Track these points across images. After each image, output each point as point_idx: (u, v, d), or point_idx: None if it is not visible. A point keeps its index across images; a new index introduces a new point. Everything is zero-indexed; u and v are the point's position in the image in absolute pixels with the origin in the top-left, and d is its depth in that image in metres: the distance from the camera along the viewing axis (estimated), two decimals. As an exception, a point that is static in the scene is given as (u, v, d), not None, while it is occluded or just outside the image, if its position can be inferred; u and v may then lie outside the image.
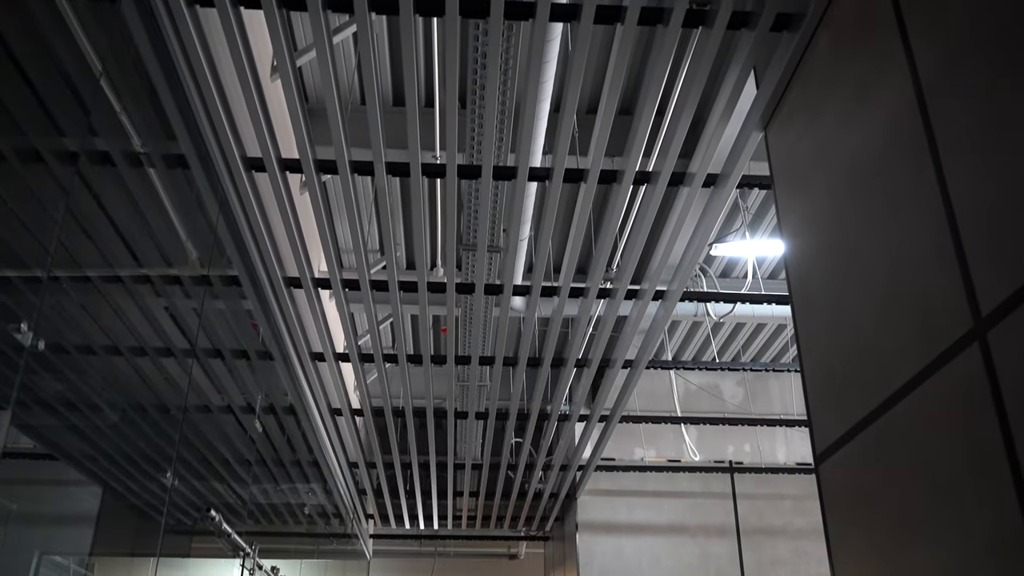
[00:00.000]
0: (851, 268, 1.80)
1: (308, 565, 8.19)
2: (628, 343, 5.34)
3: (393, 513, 9.15)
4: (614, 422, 6.52)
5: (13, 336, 2.90)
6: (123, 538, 7.04)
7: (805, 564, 7.91)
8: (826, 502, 1.90)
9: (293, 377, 5.49)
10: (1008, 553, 1.26)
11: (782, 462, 8.30)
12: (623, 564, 7.87)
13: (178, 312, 4.57)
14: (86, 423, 5.17)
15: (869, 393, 1.71)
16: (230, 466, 6.28)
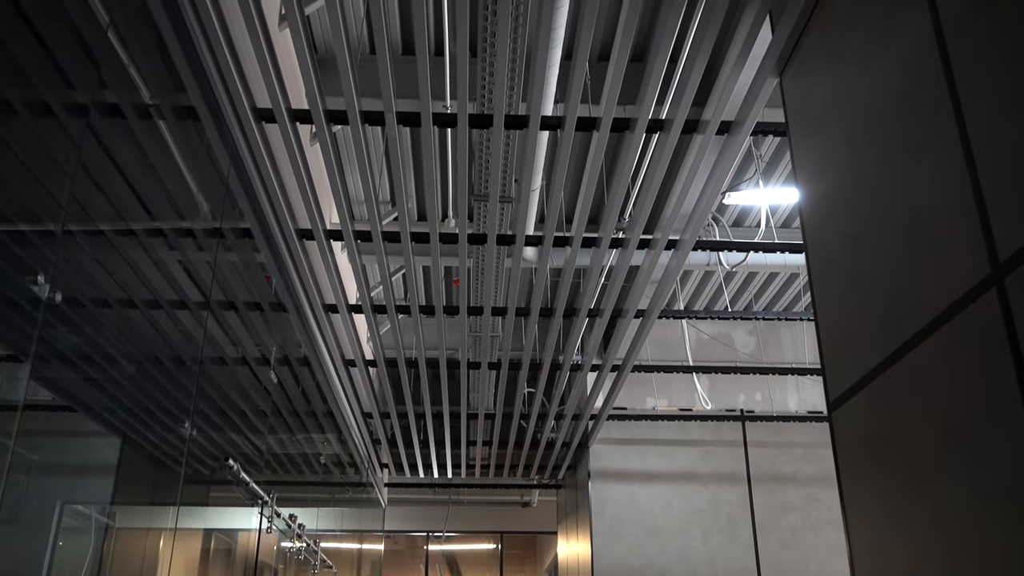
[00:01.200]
0: (867, 215, 1.79)
1: (325, 513, 8.33)
2: (640, 293, 5.34)
3: (407, 462, 9.27)
4: (626, 372, 6.55)
5: (30, 289, 2.93)
6: (143, 488, 7.17)
7: (816, 510, 7.99)
8: (839, 448, 1.91)
9: (307, 329, 5.53)
10: (1022, 497, 1.26)
11: (793, 410, 8.34)
12: (635, 511, 7.97)
13: (191, 265, 4.59)
14: (104, 375, 5.23)
15: (884, 340, 1.71)
16: (246, 417, 6.36)
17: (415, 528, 12.71)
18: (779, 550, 7.85)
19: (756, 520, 7.96)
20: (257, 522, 5.80)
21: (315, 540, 7.38)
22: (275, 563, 7.90)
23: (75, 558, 6.43)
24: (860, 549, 1.81)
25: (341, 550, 9.46)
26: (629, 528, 7.89)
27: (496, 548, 13.13)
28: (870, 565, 1.75)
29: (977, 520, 1.38)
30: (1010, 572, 1.29)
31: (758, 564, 7.80)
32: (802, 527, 7.94)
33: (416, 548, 13.24)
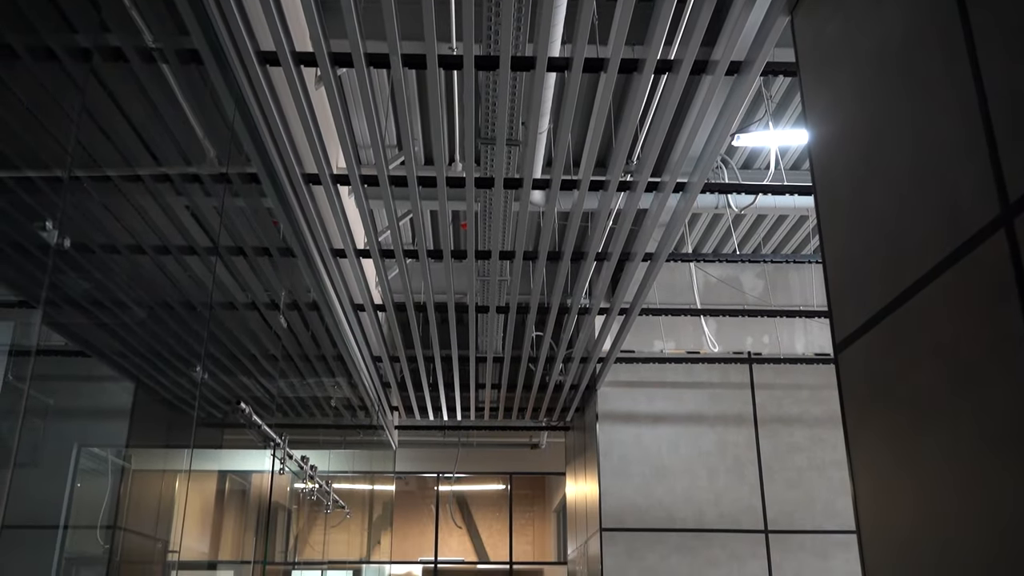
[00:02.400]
0: (877, 155, 1.77)
1: (336, 455, 8.46)
2: (648, 236, 5.33)
3: (417, 405, 9.37)
4: (634, 315, 6.56)
5: (39, 235, 2.94)
6: (157, 431, 7.28)
7: (821, 450, 8.07)
8: (845, 389, 1.93)
9: (315, 273, 5.55)
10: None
11: (800, 353, 8.37)
12: (642, 452, 8.06)
13: (199, 211, 4.59)
14: (115, 321, 5.28)
15: (891, 281, 1.71)
16: (257, 361, 6.42)
17: (426, 470, 12.90)
18: (784, 490, 7.95)
19: (762, 461, 8.05)
20: (270, 464, 5.89)
21: (327, 481, 7.52)
22: (288, 504, 8.05)
23: (93, 499, 6.57)
24: (864, 489, 1.83)
25: (353, 491, 9.63)
26: (636, 469, 8.00)
27: (505, 489, 13.33)
28: (874, 504, 1.77)
29: (981, 462, 1.39)
30: (1013, 513, 1.30)
31: (764, 504, 7.91)
32: (807, 467, 8.03)
33: (427, 489, 13.46)
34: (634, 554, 7.73)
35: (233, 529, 10.33)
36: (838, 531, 7.81)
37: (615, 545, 7.76)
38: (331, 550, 8.99)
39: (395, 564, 12.45)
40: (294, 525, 8.36)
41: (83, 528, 6.62)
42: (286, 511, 8.17)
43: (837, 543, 7.78)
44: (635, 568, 7.69)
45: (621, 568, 7.69)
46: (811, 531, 7.83)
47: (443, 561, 12.56)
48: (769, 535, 7.82)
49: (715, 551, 7.76)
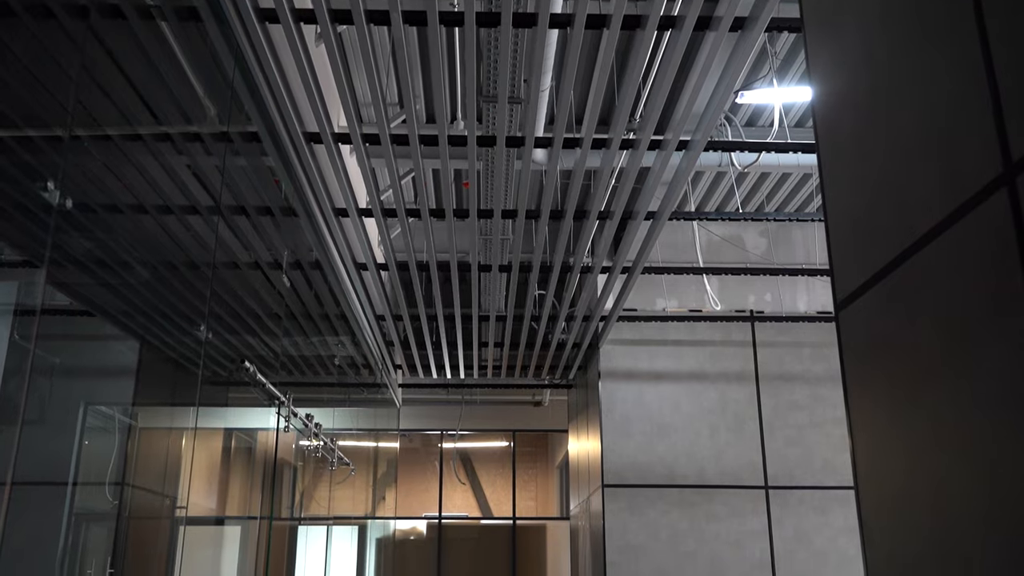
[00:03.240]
0: (880, 113, 1.76)
1: (341, 413, 8.53)
2: (651, 194, 5.31)
3: (420, 363, 9.42)
4: (636, 273, 6.57)
5: (41, 195, 2.94)
6: (163, 389, 7.33)
7: (821, 408, 8.12)
8: (845, 349, 1.94)
9: (317, 233, 5.55)
10: (1022, 403, 1.29)
11: (803, 311, 8.39)
12: (644, 410, 8.12)
13: (201, 170, 4.58)
14: (119, 280, 5.29)
15: (892, 240, 1.71)
16: (261, 320, 6.45)
17: (429, 427, 13.01)
18: (784, 447, 8.02)
19: (763, 418, 8.11)
20: (275, 422, 5.95)
21: (332, 439, 7.59)
22: (294, 461, 8.14)
23: (101, 456, 6.65)
24: (862, 446, 1.85)
25: (358, 448, 9.73)
26: (638, 426, 8.06)
27: (509, 446, 13.46)
28: (871, 461, 1.79)
29: (978, 420, 1.41)
30: (1008, 471, 1.32)
31: (764, 460, 7.98)
32: (808, 425, 8.09)
33: (431, 446, 13.59)
34: (635, 510, 7.83)
35: (239, 485, 10.46)
36: (837, 487, 7.89)
37: (617, 501, 7.85)
38: (336, 506, 9.11)
39: (400, 520, 12.62)
40: (299, 482, 8.46)
41: (92, 485, 6.71)
42: (291, 468, 8.27)
43: (836, 499, 7.86)
44: (636, 523, 7.79)
45: (623, 523, 7.79)
46: (811, 487, 7.91)
47: (447, 517, 12.72)
48: (769, 491, 7.91)
49: (716, 507, 7.85)
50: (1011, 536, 1.30)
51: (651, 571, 7.67)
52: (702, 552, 7.73)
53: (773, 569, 7.70)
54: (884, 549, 1.72)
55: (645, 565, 7.68)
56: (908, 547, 1.62)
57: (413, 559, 12.39)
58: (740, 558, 7.72)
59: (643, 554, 7.71)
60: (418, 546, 12.52)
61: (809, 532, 7.80)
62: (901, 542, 1.65)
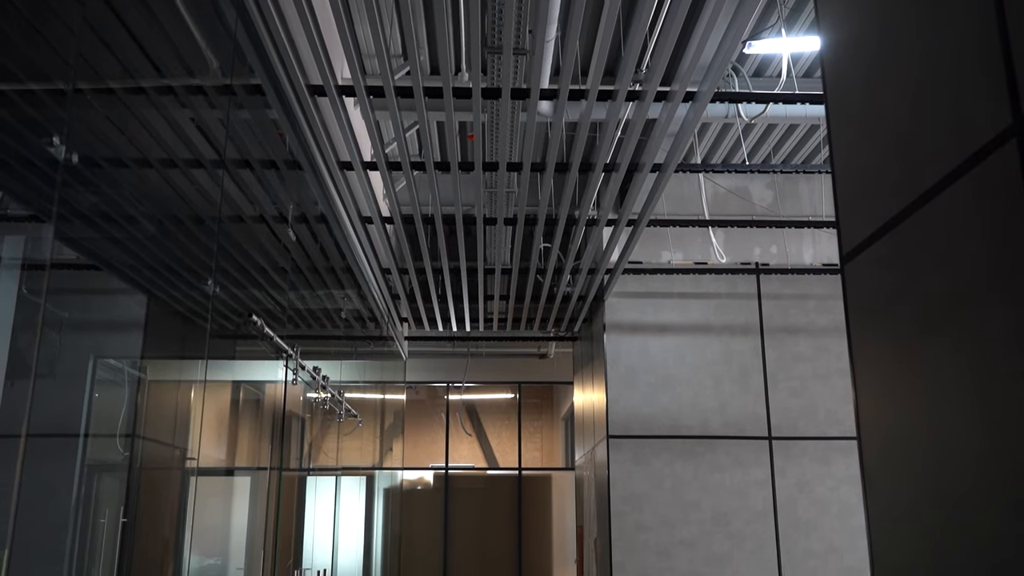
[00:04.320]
0: (889, 63, 1.75)
1: (348, 366, 8.60)
2: (657, 146, 5.28)
3: (426, 316, 9.46)
4: (642, 226, 6.56)
5: (47, 150, 2.94)
6: (171, 343, 7.40)
7: (826, 359, 8.16)
8: (850, 301, 1.94)
9: (322, 186, 5.54)
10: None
11: (808, 263, 8.38)
12: (648, 362, 8.17)
13: (204, 123, 4.56)
14: (125, 235, 5.31)
15: (899, 193, 1.71)
16: (267, 274, 6.47)
17: (436, 379, 13.11)
18: (788, 398, 8.08)
19: (767, 370, 8.16)
20: (283, 374, 6.00)
21: (339, 391, 7.66)
22: (302, 413, 8.23)
23: (111, 409, 6.72)
24: (866, 397, 1.87)
25: (365, 400, 9.83)
26: (643, 378, 8.12)
27: (514, 398, 13.57)
28: (875, 412, 1.81)
29: (980, 373, 1.42)
30: (1009, 423, 1.34)
31: (768, 411, 8.05)
32: (812, 376, 8.13)
33: (437, 399, 13.70)
34: (640, 460, 7.92)
35: (249, 437, 10.58)
36: (840, 437, 7.96)
37: (621, 452, 7.94)
38: (345, 457, 9.23)
39: (407, 470, 12.78)
40: (308, 433, 8.56)
41: (103, 436, 6.81)
42: (300, 420, 8.36)
43: (838, 449, 7.94)
44: (641, 473, 7.88)
45: (627, 473, 7.89)
46: (814, 437, 7.98)
47: (454, 467, 12.88)
48: (772, 441, 7.99)
49: (719, 457, 7.93)
50: (1007, 481, 1.33)
51: (655, 520, 7.78)
52: (705, 501, 7.84)
53: (775, 517, 7.81)
54: (885, 494, 1.75)
55: (649, 514, 7.79)
56: (907, 491, 1.64)
57: (421, 508, 12.58)
58: (743, 507, 7.82)
59: (647, 503, 7.82)
60: (425, 496, 12.70)
61: (811, 481, 7.89)
62: (901, 487, 1.67)
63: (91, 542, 6.73)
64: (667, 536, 7.75)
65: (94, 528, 6.80)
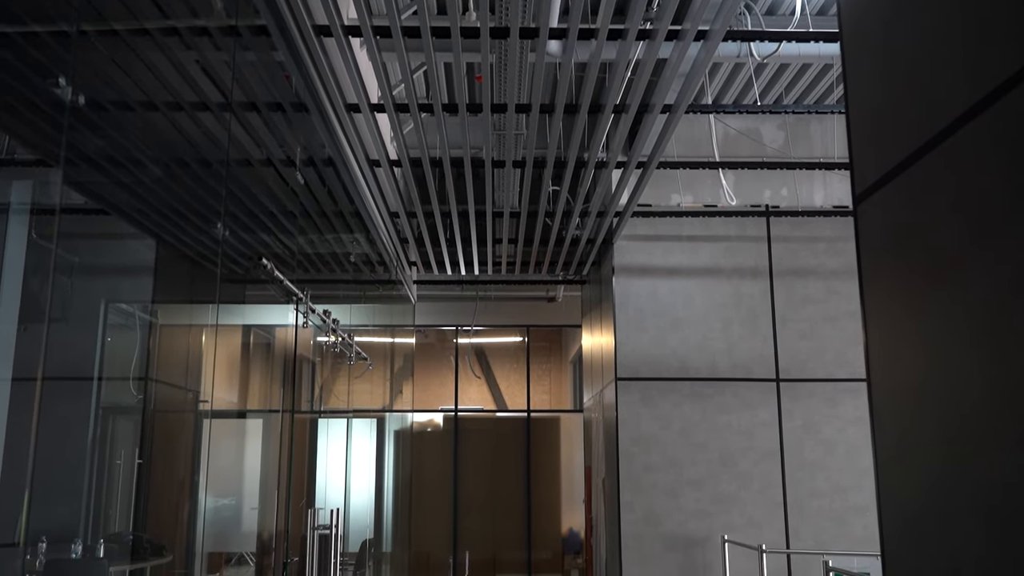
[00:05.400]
0: (906, 1, 1.71)
1: (357, 309, 8.64)
2: (667, 87, 5.22)
3: (435, 260, 9.47)
4: (651, 168, 6.51)
5: (53, 91, 2.92)
6: (181, 287, 7.43)
7: (835, 302, 8.16)
8: (862, 241, 1.94)
9: (330, 129, 5.50)
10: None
11: (819, 205, 8.33)
12: (657, 305, 8.18)
13: (210, 65, 4.51)
14: (133, 179, 5.30)
15: (915, 132, 1.68)
16: (276, 218, 6.47)
17: (445, 323, 13.18)
18: (797, 340, 8.10)
19: (776, 312, 8.16)
20: (293, 318, 6.04)
21: (349, 334, 7.71)
22: (312, 356, 8.30)
23: (123, 353, 6.79)
24: (875, 338, 1.87)
25: (374, 344, 9.89)
26: (651, 321, 8.14)
27: (523, 341, 13.64)
28: (885, 353, 1.82)
29: (992, 313, 1.42)
30: (1017, 365, 1.34)
31: (776, 354, 8.08)
32: (821, 318, 8.14)
33: (446, 342, 13.79)
34: (648, 402, 7.98)
35: (260, 380, 10.69)
36: (848, 379, 8.00)
37: (630, 394, 8.00)
38: (355, 400, 9.34)
39: (417, 412, 12.93)
40: (318, 376, 8.64)
41: (116, 380, 6.89)
42: (310, 363, 8.43)
43: (846, 390, 7.98)
44: (649, 415, 7.96)
45: (635, 415, 7.96)
46: (821, 379, 8.02)
47: (463, 409, 13.02)
48: (780, 383, 8.03)
49: (727, 399, 7.99)
50: (1016, 418, 1.33)
51: (663, 461, 7.88)
52: (713, 442, 7.92)
53: (782, 458, 7.90)
54: (893, 433, 1.76)
55: (657, 455, 7.88)
56: (915, 430, 1.66)
57: (431, 450, 12.75)
58: (750, 447, 7.90)
59: (655, 444, 7.91)
60: (435, 437, 12.86)
61: (818, 423, 7.95)
62: (910, 426, 1.68)
63: (108, 483, 6.86)
64: (675, 476, 7.85)
65: (110, 469, 6.92)
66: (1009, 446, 1.35)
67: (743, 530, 7.72)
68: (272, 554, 10.10)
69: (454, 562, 12.33)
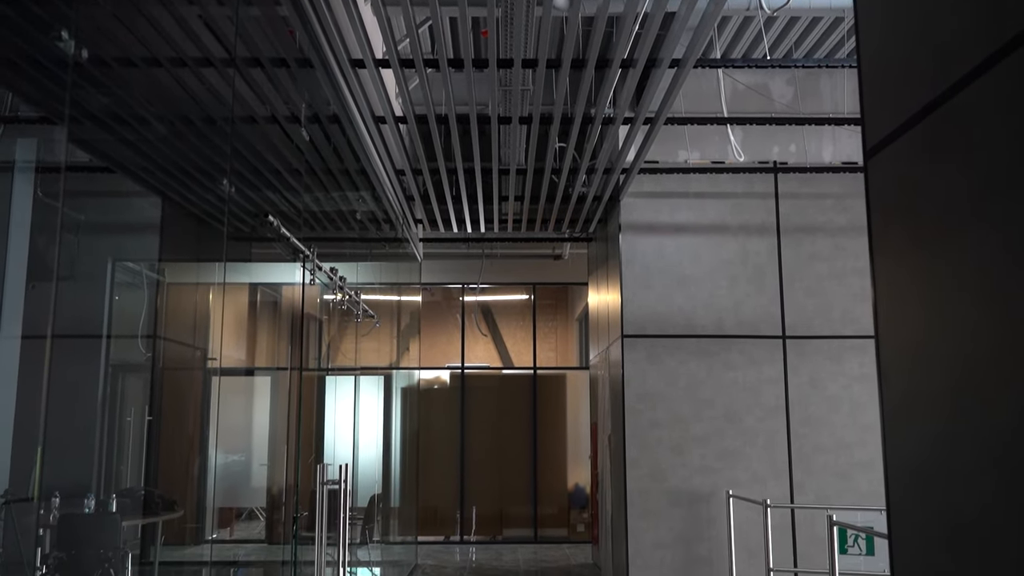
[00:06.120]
0: (923, -51, 1.68)
1: (364, 267, 8.65)
2: (675, 41, 5.15)
3: (441, 218, 9.45)
4: (659, 124, 6.46)
5: (56, 46, 2.89)
6: (188, 245, 7.44)
7: (843, 259, 8.14)
8: (872, 196, 1.92)
9: (335, 85, 5.46)
10: (1051, 239, 1.28)
11: (827, 161, 8.27)
12: (664, 262, 8.17)
13: (213, 20, 4.46)
14: (138, 136, 5.28)
15: (928, 84, 1.66)
16: (281, 176, 6.45)
17: (451, 281, 13.19)
18: (804, 297, 8.09)
19: (783, 269, 8.15)
20: (300, 276, 6.05)
21: (356, 292, 7.72)
22: (319, 314, 8.33)
23: (131, 311, 6.82)
24: (884, 294, 1.87)
25: (381, 302, 9.92)
26: (658, 278, 8.13)
27: (529, 299, 13.66)
28: (893, 309, 1.81)
29: (1004, 270, 1.41)
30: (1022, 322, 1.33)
31: (782, 311, 8.08)
32: (828, 275, 8.12)
33: (452, 300, 13.81)
34: (654, 359, 8.01)
35: (268, 338, 10.73)
36: (854, 336, 8.00)
37: (636, 351, 8.02)
38: (362, 357, 9.39)
39: (424, 370, 13.00)
40: (325, 334, 8.68)
41: (125, 338, 6.93)
42: (317, 321, 8.47)
43: (852, 347, 8.00)
44: (655, 371, 7.99)
45: (641, 372, 8.00)
46: (828, 336, 8.03)
47: (470, 367, 13.08)
48: (786, 340, 8.04)
49: (733, 355, 8.01)
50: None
51: (669, 417, 7.93)
52: (719, 399, 7.96)
53: (787, 414, 7.94)
54: (900, 387, 1.76)
55: (663, 411, 7.93)
56: (924, 386, 1.66)
57: (438, 407, 12.84)
58: (755, 404, 7.94)
59: (661, 401, 7.95)
60: (442, 395, 12.95)
61: (824, 379, 7.98)
62: (917, 380, 1.69)
63: (119, 439, 6.94)
64: (680, 433, 7.91)
65: (121, 426, 7.00)
66: (1016, 399, 1.36)
67: (748, 486, 7.79)
68: (282, 509, 10.24)
69: (461, 516, 12.48)
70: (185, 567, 8.44)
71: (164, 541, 7.46)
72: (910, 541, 1.72)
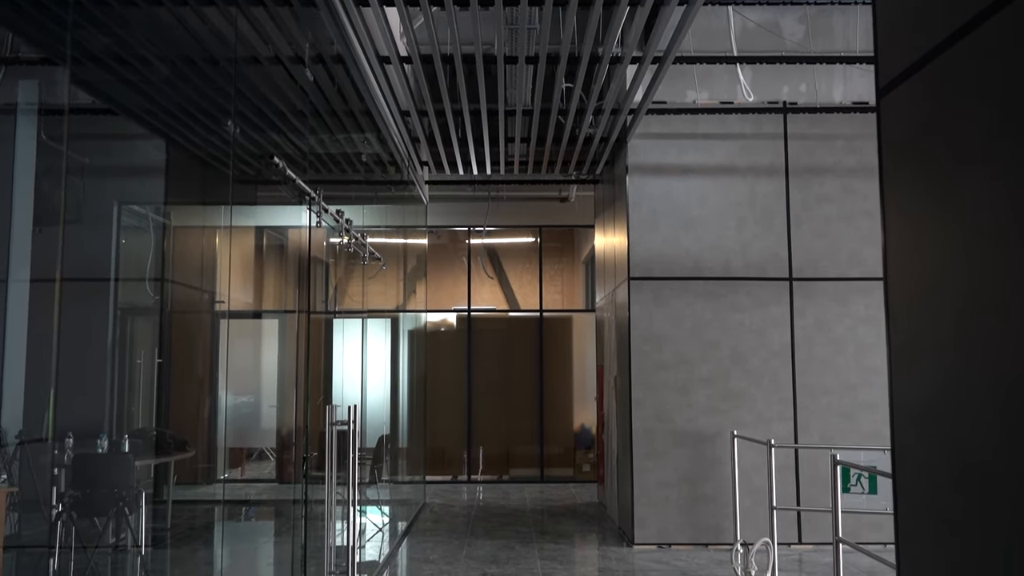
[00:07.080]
0: None
1: (370, 210, 8.62)
2: (685, -22, 5.04)
3: (447, 160, 9.39)
4: (667, 64, 6.36)
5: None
6: (193, 188, 7.42)
7: (851, 200, 8.08)
8: (884, 135, 1.90)
9: (338, 24, 5.37)
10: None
11: (838, 101, 8.16)
12: (671, 204, 8.13)
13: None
14: (140, 78, 5.22)
15: (942, 21, 1.63)
16: (286, 117, 6.39)
17: (457, 224, 13.16)
18: (811, 239, 8.06)
19: (791, 211, 8.10)
20: (306, 219, 6.04)
21: (362, 235, 7.72)
22: (326, 257, 8.33)
23: (138, 254, 6.84)
24: (894, 236, 1.85)
25: (387, 245, 9.91)
26: (665, 220, 8.10)
27: (535, 241, 13.63)
28: (903, 250, 1.80)
29: (1017, 209, 1.40)
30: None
31: (790, 252, 8.06)
32: (836, 217, 8.08)
33: (459, 243, 13.79)
34: (660, 301, 8.02)
35: (275, 281, 10.77)
36: (860, 278, 7.99)
37: (642, 293, 8.03)
38: (369, 300, 9.42)
39: (430, 312, 13.05)
40: (332, 277, 8.70)
41: (133, 280, 6.96)
42: (324, 264, 8.48)
43: (857, 289, 7.99)
44: (661, 313, 8.01)
45: (648, 314, 8.01)
46: (834, 278, 8.02)
47: (476, 309, 13.12)
48: (793, 282, 8.04)
49: (740, 297, 8.02)
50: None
51: (675, 358, 7.97)
52: (725, 340, 7.99)
53: (792, 355, 7.97)
54: (909, 332, 1.77)
55: (669, 353, 7.97)
56: (932, 327, 1.66)
57: (444, 349, 12.92)
58: (761, 345, 7.97)
59: (667, 342, 7.98)
60: (449, 337, 13.02)
61: (829, 321, 7.99)
62: (926, 321, 1.69)
63: (129, 381, 7.01)
64: (686, 374, 7.95)
65: (131, 368, 7.07)
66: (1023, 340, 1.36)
67: (752, 426, 7.87)
68: (292, 449, 10.39)
69: (468, 457, 12.65)
70: (198, 505, 8.60)
71: (177, 480, 7.60)
72: (915, 480, 1.74)
